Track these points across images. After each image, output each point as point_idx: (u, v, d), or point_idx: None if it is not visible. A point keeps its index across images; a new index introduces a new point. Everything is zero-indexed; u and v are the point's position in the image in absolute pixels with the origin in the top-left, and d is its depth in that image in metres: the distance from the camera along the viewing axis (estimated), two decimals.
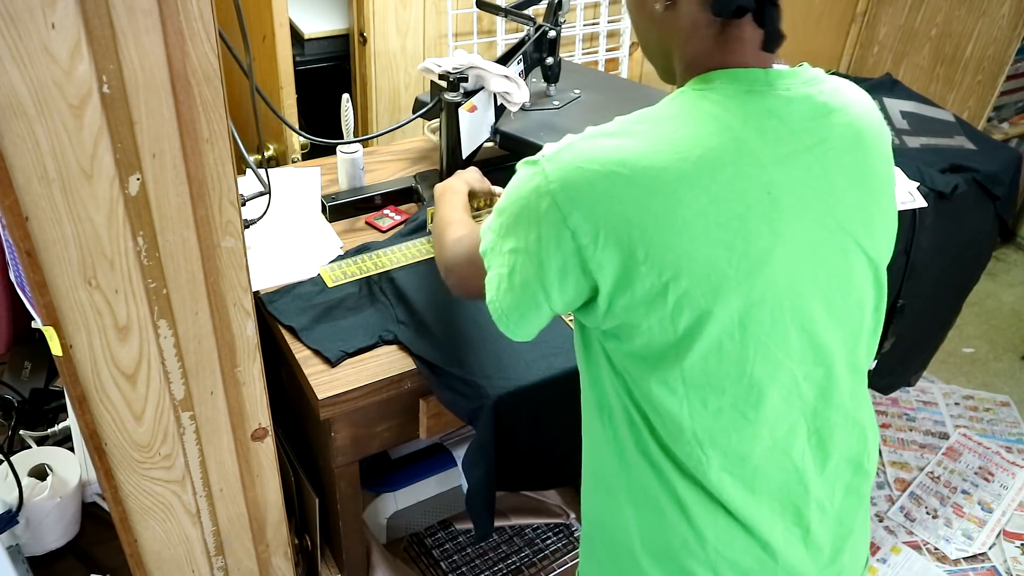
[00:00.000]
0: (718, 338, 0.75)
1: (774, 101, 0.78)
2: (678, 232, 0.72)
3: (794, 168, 0.77)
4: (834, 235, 0.79)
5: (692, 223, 0.72)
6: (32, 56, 0.75)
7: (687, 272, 0.73)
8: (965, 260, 1.89)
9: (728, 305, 0.74)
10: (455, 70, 1.47)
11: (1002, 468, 2.26)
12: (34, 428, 1.63)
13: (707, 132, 0.75)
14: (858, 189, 0.81)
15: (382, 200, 1.55)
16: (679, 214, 0.72)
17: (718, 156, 0.74)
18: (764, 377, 0.78)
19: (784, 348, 0.78)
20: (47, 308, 0.87)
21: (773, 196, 0.75)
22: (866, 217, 0.82)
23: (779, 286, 0.76)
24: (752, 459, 0.81)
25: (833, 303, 0.80)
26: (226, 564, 1.23)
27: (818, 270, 0.78)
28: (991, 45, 2.40)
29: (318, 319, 1.24)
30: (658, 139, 0.75)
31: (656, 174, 0.72)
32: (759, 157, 0.75)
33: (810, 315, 0.78)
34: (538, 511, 1.84)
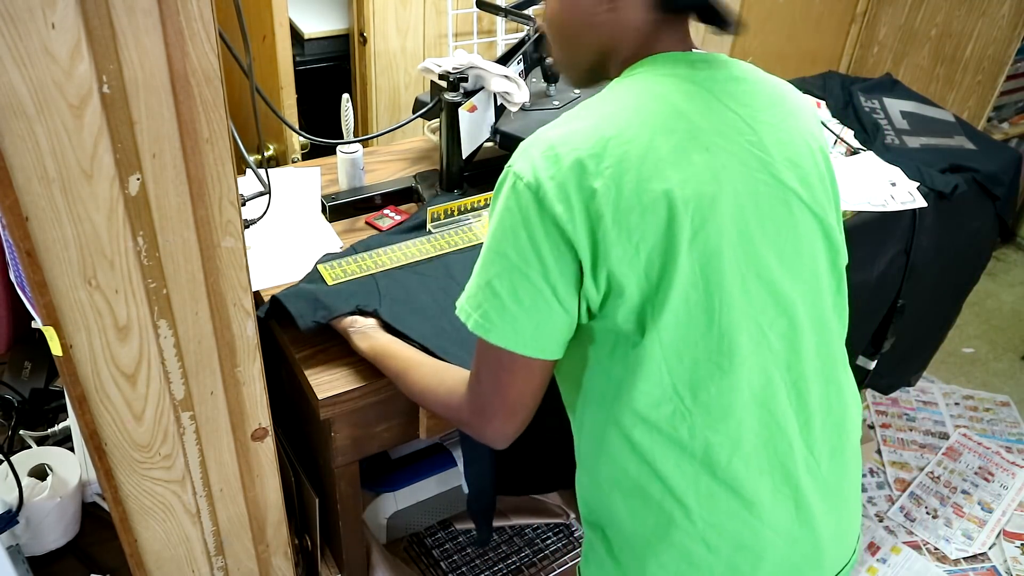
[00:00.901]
0: (684, 289, 0.79)
1: (699, 75, 0.85)
2: (638, 195, 0.77)
3: (724, 128, 0.83)
4: (773, 188, 0.84)
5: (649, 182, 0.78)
6: (32, 56, 0.75)
7: (651, 230, 0.78)
8: (965, 260, 1.89)
9: (690, 256, 0.79)
10: (455, 70, 1.47)
11: (1002, 468, 2.26)
12: (34, 428, 1.63)
13: (646, 104, 0.82)
14: (786, 147, 0.86)
15: (382, 200, 1.55)
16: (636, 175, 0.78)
17: (660, 122, 0.80)
18: (731, 325, 0.81)
19: (745, 297, 0.82)
20: (47, 308, 0.87)
21: (711, 152, 0.81)
22: (800, 173, 0.87)
23: (730, 235, 0.80)
24: (735, 413, 0.83)
25: (784, 254, 0.85)
26: (226, 564, 1.23)
27: (764, 220, 0.83)
28: (991, 45, 2.40)
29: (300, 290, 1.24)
30: (602, 118, 0.81)
31: (606, 144, 0.78)
32: (694, 120, 0.81)
33: (764, 264, 0.83)
34: (538, 511, 1.84)
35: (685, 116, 0.81)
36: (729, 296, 0.81)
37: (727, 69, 0.87)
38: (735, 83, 0.86)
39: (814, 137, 0.91)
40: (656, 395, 0.82)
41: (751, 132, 0.84)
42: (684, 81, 0.83)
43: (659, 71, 0.84)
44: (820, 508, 0.88)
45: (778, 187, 0.84)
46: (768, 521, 0.85)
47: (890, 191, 1.65)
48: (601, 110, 0.82)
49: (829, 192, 0.92)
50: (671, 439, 0.83)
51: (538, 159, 0.80)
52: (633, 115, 0.80)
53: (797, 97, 0.93)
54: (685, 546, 0.85)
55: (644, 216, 0.78)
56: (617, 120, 0.80)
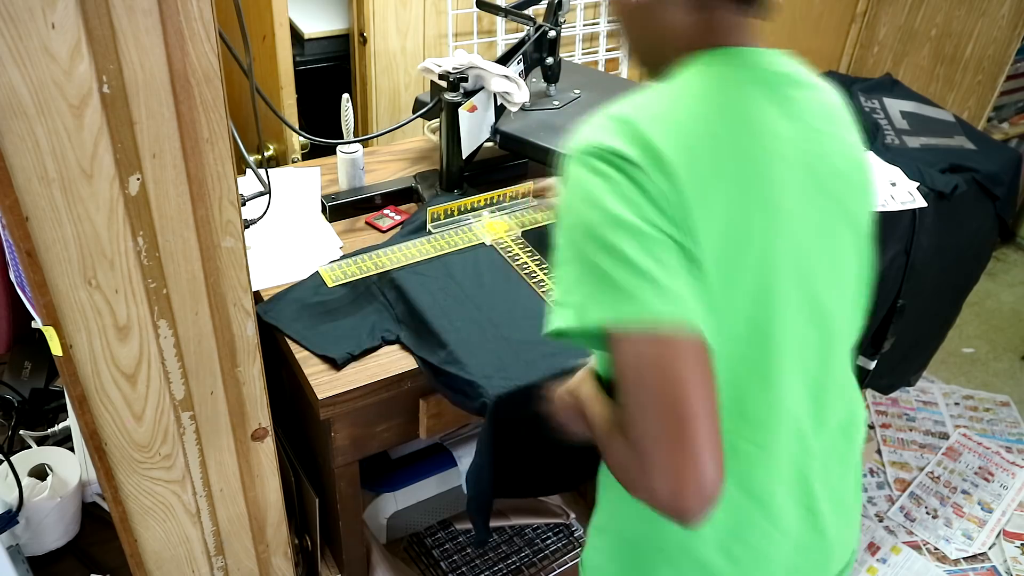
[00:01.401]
0: (745, 304, 0.75)
1: (766, 76, 0.81)
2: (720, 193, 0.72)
3: (791, 137, 0.79)
4: (826, 202, 0.82)
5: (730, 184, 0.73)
6: (32, 56, 0.75)
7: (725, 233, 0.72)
8: (965, 260, 1.89)
9: (757, 264, 0.75)
10: (455, 70, 1.47)
11: (1002, 468, 2.26)
12: (34, 428, 1.63)
13: (723, 98, 0.77)
14: (838, 159, 0.84)
15: (382, 200, 1.55)
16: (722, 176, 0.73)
17: (741, 121, 0.76)
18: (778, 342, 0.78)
19: (793, 312, 0.79)
20: (47, 308, 0.87)
21: (778, 163, 0.77)
22: (848, 188, 0.85)
23: (790, 252, 0.78)
24: (771, 426, 0.81)
25: (828, 270, 0.83)
26: (226, 564, 1.23)
27: (816, 236, 0.81)
28: (991, 45, 2.40)
29: (317, 323, 1.24)
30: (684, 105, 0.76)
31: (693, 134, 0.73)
32: (765, 124, 0.78)
33: (812, 279, 0.81)
34: (538, 511, 1.84)
35: (754, 122, 0.77)
36: (781, 311, 0.78)
37: (791, 72, 0.84)
38: (799, 89, 0.83)
39: (860, 149, 0.89)
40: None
41: (811, 144, 0.81)
42: (754, 83, 0.79)
43: (728, 65, 0.79)
44: (829, 515, 0.88)
45: (829, 201, 0.82)
46: (787, 531, 0.84)
47: (890, 191, 1.65)
48: (680, 98, 0.77)
49: (868, 206, 0.90)
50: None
51: (623, 135, 0.72)
52: (716, 109, 0.76)
53: (844, 105, 0.90)
54: (704, 555, 0.84)
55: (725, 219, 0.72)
56: (698, 112, 0.75)
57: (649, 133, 0.71)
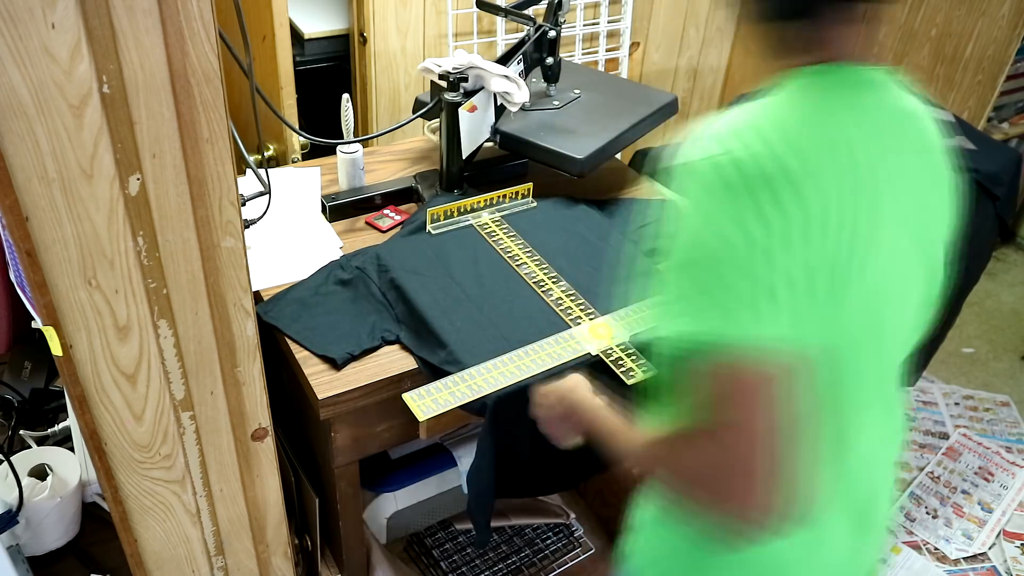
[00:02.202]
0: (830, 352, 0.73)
1: (876, 102, 0.79)
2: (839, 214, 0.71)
3: (892, 168, 0.77)
4: (910, 245, 0.79)
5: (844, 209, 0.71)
6: (32, 56, 0.75)
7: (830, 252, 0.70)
8: (965, 260, 1.88)
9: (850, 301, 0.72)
10: (455, 70, 1.47)
11: (1002, 468, 2.26)
12: (34, 428, 1.63)
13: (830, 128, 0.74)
14: (930, 195, 0.82)
15: (382, 200, 1.55)
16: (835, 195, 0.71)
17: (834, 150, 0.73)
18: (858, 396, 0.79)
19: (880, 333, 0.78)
20: (47, 308, 0.87)
21: (880, 192, 0.75)
22: (935, 230, 0.84)
23: (871, 288, 0.75)
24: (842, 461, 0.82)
25: (899, 316, 0.82)
26: (226, 564, 1.23)
27: (896, 280, 0.79)
28: (991, 45, 2.40)
29: (317, 323, 1.24)
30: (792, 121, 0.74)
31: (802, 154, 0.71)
32: (868, 155, 0.75)
33: (883, 326, 0.79)
34: (538, 511, 1.84)
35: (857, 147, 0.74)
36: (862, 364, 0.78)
37: (898, 97, 0.81)
38: (902, 119, 0.80)
39: (952, 183, 0.86)
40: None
41: (907, 179, 0.79)
42: (863, 111, 0.77)
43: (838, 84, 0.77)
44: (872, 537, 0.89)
45: (914, 244, 0.80)
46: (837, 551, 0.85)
47: None
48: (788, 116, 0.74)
49: (946, 242, 0.87)
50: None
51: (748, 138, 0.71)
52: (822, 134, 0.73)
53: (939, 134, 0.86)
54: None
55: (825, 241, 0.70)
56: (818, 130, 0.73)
57: (777, 146, 0.70)
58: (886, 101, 0.80)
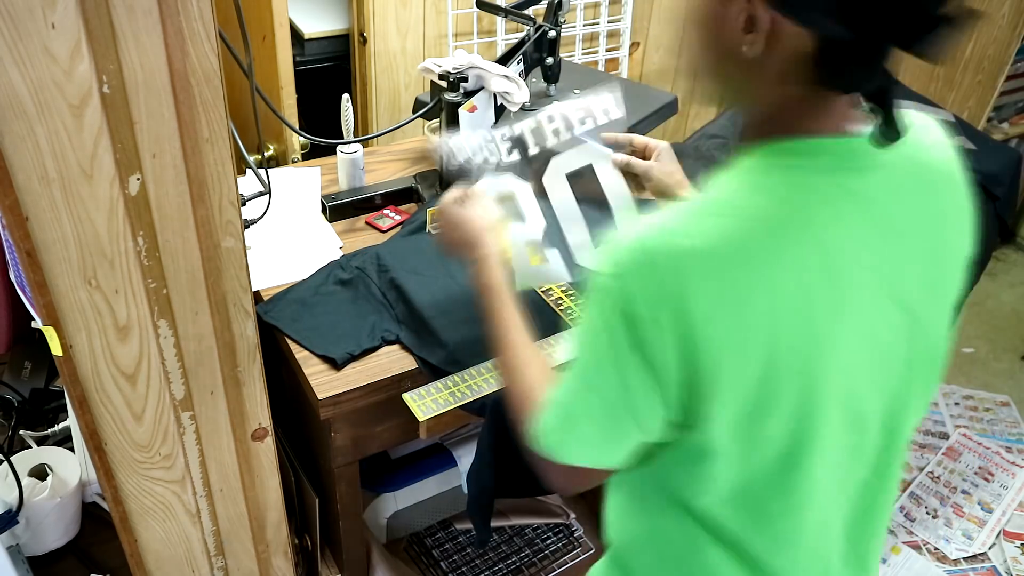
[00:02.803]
0: (775, 433, 0.71)
1: (859, 179, 0.69)
2: (741, 338, 0.66)
3: (866, 256, 0.69)
4: (899, 325, 0.73)
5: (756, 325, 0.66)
6: (32, 56, 0.75)
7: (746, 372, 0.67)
8: None
9: (786, 403, 0.69)
10: (455, 70, 1.47)
11: (1002, 468, 2.26)
12: (34, 428, 1.63)
13: (782, 222, 0.67)
14: (928, 264, 0.74)
15: (382, 200, 1.55)
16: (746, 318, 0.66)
17: (791, 251, 0.66)
18: (812, 468, 0.73)
19: (831, 429, 0.72)
20: (47, 308, 0.87)
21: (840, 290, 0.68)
22: (935, 302, 0.76)
23: (835, 377, 0.70)
24: (797, 539, 0.79)
25: (881, 382, 0.75)
26: (226, 564, 1.23)
27: (876, 359, 0.73)
28: (991, 45, 2.40)
29: (317, 323, 1.24)
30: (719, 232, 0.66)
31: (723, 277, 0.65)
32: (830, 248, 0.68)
33: (858, 396, 0.73)
34: (538, 511, 1.84)
35: (823, 244, 0.67)
36: (816, 437, 0.71)
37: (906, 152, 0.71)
38: (899, 194, 0.71)
39: (964, 245, 0.78)
40: (722, 512, 0.77)
41: (897, 264, 0.71)
42: (839, 188, 0.68)
43: (810, 166, 0.68)
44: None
45: (905, 322, 0.73)
46: None
47: None
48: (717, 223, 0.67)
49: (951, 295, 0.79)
50: (730, 546, 0.79)
51: (634, 276, 0.67)
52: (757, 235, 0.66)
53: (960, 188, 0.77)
54: None
55: (744, 361, 0.66)
56: (735, 241, 0.66)
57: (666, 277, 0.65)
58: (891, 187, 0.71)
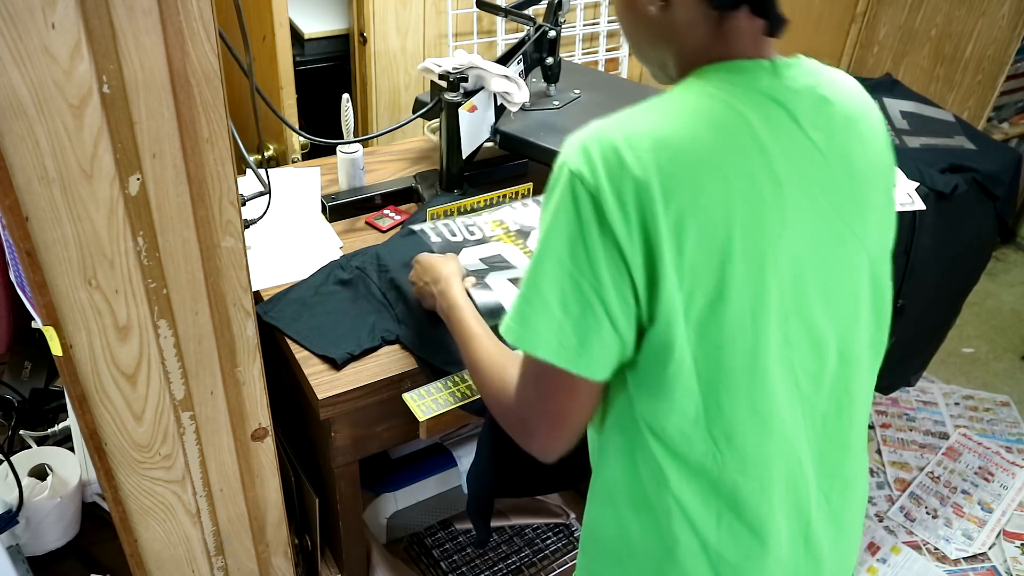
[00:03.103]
0: (731, 329, 0.75)
1: (780, 92, 0.78)
2: (697, 221, 0.72)
3: (799, 158, 0.77)
4: (834, 225, 0.80)
5: (710, 211, 0.72)
6: (32, 56, 0.75)
7: (703, 259, 0.72)
8: (965, 260, 1.88)
9: (741, 294, 0.74)
10: (455, 70, 1.47)
11: (1002, 468, 2.26)
12: (34, 428, 1.63)
13: (719, 117, 0.75)
14: (854, 180, 0.81)
15: (382, 200, 1.55)
16: (701, 200, 0.72)
17: (733, 141, 0.74)
18: (772, 371, 0.78)
19: (785, 341, 0.78)
20: (47, 308, 0.87)
21: (781, 185, 0.75)
22: (861, 210, 0.83)
23: (784, 276, 0.76)
24: (765, 457, 0.81)
25: (829, 293, 0.81)
26: (226, 564, 1.23)
27: (818, 261, 0.79)
28: (991, 45, 2.40)
29: (317, 323, 1.24)
30: (672, 124, 0.74)
31: (676, 161, 0.72)
32: (767, 145, 0.75)
33: (808, 305, 0.79)
34: (538, 511, 1.84)
35: (760, 141, 0.75)
36: (771, 341, 0.77)
37: (812, 83, 0.80)
38: (817, 104, 0.79)
39: (884, 167, 0.87)
40: (690, 432, 0.79)
41: (824, 163, 0.79)
42: (764, 98, 0.77)
43: (734, 79, 0.77)
44: (827, 545, 0.87)
45: (839, 224, 0.80)
46: (780, 559, 0.83)
47: None
48: (671, 115, 0.76)
49: (886, 226, 0.87)
50: (699, 473, 0.81)
51: (598, 159, 0.72)
52: (706, 128, 0.74)
53: (873, 114, 0.87)
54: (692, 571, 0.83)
55: (700, 245, 0.72)
56: (687, 130, 0.74)
57: (627, 156, 0.72)
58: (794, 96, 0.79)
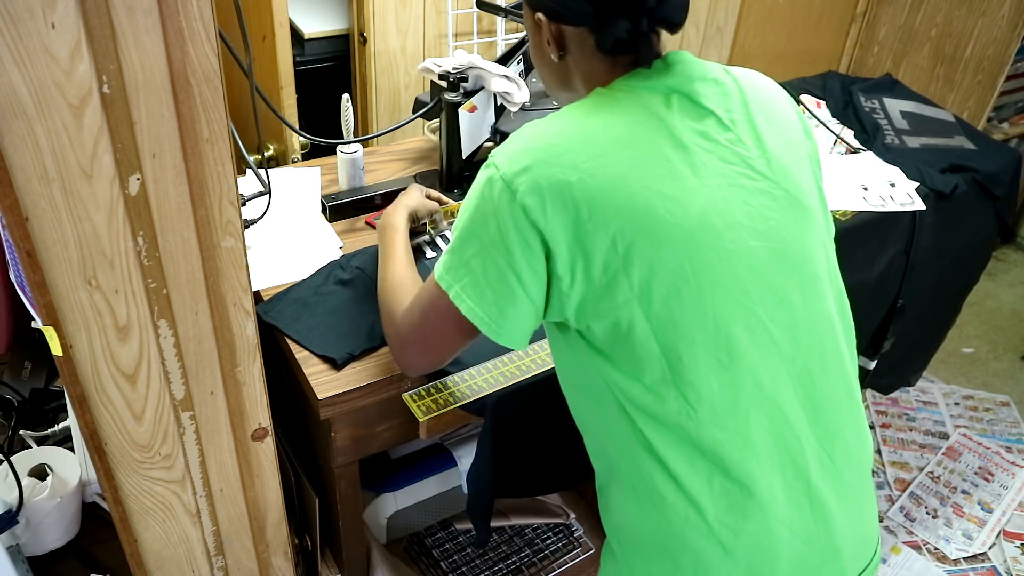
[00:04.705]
0: (674, 284, 0.81)
1: (674, 80, 0.88)
2: (614, 187, 0.81)
3: (704, 128, 0.86)
4: (756, 181, 0.86)
5: (625, 176, 0.82)
6: (32, 56, 0.75)
7: (630, 222, 0.81)
8: (965, 260, 1.89)
9: (675, 248, 0.81)
10: (455, 70, 1.47)
11: (1002, 468, 2.26)
12: (34, 428, 1.63)
13: (623, 107, 0.87)
14: (769, 147, 0.89)
15: (382, 200, 1.55)
16: (611, 170, 0.81)
17: (637, 121, 0.85)
18: (728, 318, 0.82)
19: (740, 288, 0.83)
20: (47, 308, 0.87)
21: (689, 151, 0.84)
22: (784, 171, 0.89)
23: (717, 227, 0.82)
24: (741, 408, 0.83)
25: (775, 246, 0.86)
26: (226, 564, 1.23)
27: (750, 212, 0.85)
28: (991, 45, 2.40)
29: (317, 323, 1.24)
30: (581, 116, 0.87)
31: (586, 139, 0.83)
32: (670, 123, 0.85)
33: (755, 256, 0.84)
34: (538, 511, 1.84)
35: (661, 119, 0.86)
36: (722, 289, 0.82)
37: (701, 70, 0.91)
38: (707, 84, 0.89)
39: (793, 125, 0.94)
40: (660, 391, 0.82)
41: (731, 132, 0.87)
42: (660, 86, 0.88)
43: (633, 83, 0.89)
44: (835, 505, 0.87)
45: (761, 180, 0.87)
46: (783, 519, 0.84)
47: (889, 191, 1.65)
48: (578, 112, 0.87)
49: (811, 178, 0.93)
50: (680, 436, 0.83)
51: (516, 151, 0.84)
52: (609, 115, 0.86)
53: (778, 98, 0.96)
54: (701, 548, 0.84)
55: (620, 211, 0.80)
56: (594, 118, 0.86)
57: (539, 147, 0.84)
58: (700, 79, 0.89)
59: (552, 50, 0.93)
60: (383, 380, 1.18)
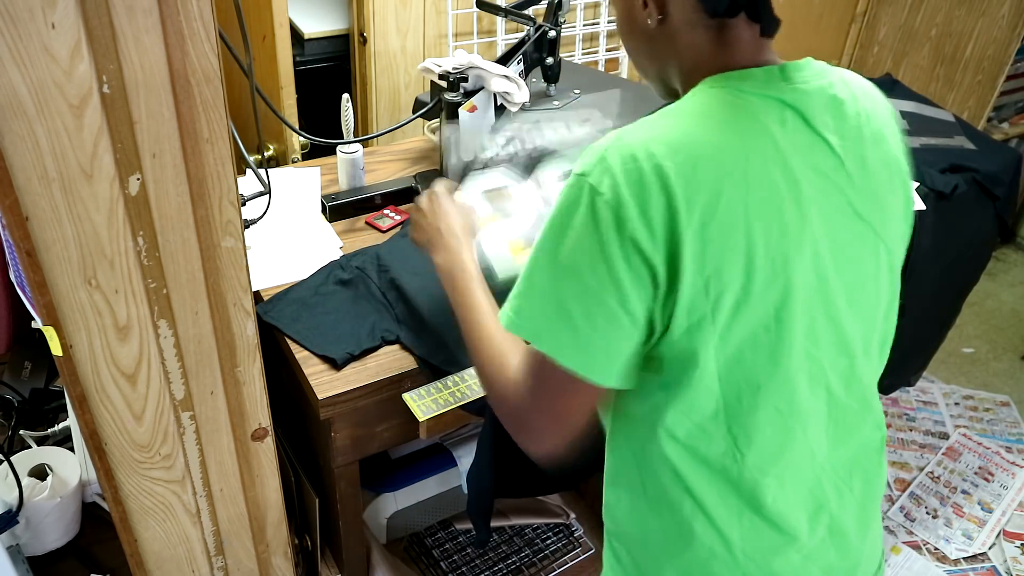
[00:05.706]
0: (754, 331, 0.75)
1: (791, 96, 0.78)
2: (719, 224, 0.71)
3: (814, 159, 0.77)
4: (853, 223, 0.80)
5: (731, 214, 0.72)
6: (32, 56, 0.75)
7: (727, 263, 0.72)
8: (965, 260, 1.88)
9: (763, 300, 0.74)
10: (455, 70, 1.47)
11: (1002, 468, 2.26)
12: (34, 428, 1.63)
13: (735, 121, 0.75)
14: (869, 177, 0.81)
15: (382, 200, 1.55)
16: (721, 204, 0.71)
17: (750, 144, 0.74)
18: (797, 370, 0.78)
19: (814, 340, 0.79)
20: (47, 308, 0.87)
21: (799, 184, 0.75)
22: (879, 206, 0.82)
23: (808, 275, 0.77)
24: (785, 455, 0.81)
25: (853, 292, 0.81)
26: (226, 564, 1.23)
27: (841, 258, 0.79)
28: (991, 45, 2.40)
29: (317, 323, 1.24)
30: (689, 128, 0.74)
31: (696, 165, 0.71)
32: (783, 148, 0.75)
33: (835, 304, 0.80)
34: (538, 511, 1.84)
35: (776, 143, 0.75)
36: (799, 343, 0.77)
37: (823, 84, 0.80)
38: (829, 105, 0.80)
39: (898, 162, 0.86)
40: (709, 431, 0.79)
41: (838, 163, 0.79)
42: (776, 102, 0.77)
43: (747, 87, 0.77)
44: (853, 532, 0.87)
45: (857, 222, 0.80)
46: (806, 553, 0.83)
47: None
48: (687, 121, 0.76)
49: (902, 224, 0.87)
50: (720, 474, 0.80)
51: (619, 171, 0.71)
52: (722, 132, 0.74)
53: (885, 114, 0.87)
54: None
55: (723, 248, 0.72)
56: (704, 134, 0.74)
57: (646, 166, 0.71)
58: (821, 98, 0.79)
59: (652, 11, 0.79)
60: (383, 380, 1.18)
